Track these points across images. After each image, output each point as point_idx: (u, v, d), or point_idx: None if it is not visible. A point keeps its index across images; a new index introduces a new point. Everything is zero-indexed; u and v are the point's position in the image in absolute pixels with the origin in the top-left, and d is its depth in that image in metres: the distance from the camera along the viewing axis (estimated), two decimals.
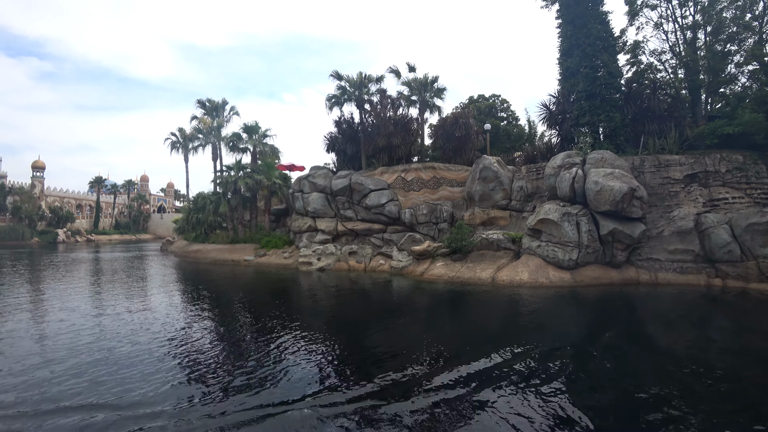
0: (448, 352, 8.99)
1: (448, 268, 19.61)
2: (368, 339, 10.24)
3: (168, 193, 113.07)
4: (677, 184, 19.31)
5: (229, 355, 8.82)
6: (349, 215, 25.42)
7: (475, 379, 7.37)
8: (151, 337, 9.92)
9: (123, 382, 7.18)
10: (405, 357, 8.59)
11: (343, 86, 28.60)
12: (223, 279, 21.27)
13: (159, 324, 11.31)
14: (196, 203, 35.82)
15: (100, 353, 8.73)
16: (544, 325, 11.62)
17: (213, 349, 9.24)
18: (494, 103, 37.22)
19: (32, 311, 13.09)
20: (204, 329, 11.03)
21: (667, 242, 17.96)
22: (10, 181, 76.55)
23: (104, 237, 78.48)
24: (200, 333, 10.60)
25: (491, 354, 8.58)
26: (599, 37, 22.58)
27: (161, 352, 8.83)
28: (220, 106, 41.18)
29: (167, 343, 9.45)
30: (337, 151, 31.04)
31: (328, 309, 14.34)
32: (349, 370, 8.03)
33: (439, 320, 12.58)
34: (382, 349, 9.25)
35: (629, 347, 9.24)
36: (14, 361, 8.29)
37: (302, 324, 11.45)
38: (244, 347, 9.34)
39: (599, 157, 19.27)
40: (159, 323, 11.40)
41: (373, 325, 11.82)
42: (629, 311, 13.57)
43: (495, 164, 22.64)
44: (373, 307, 14.42)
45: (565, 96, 23.97)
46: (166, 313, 12.91)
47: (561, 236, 17.99)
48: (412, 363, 8.19)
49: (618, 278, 17.61)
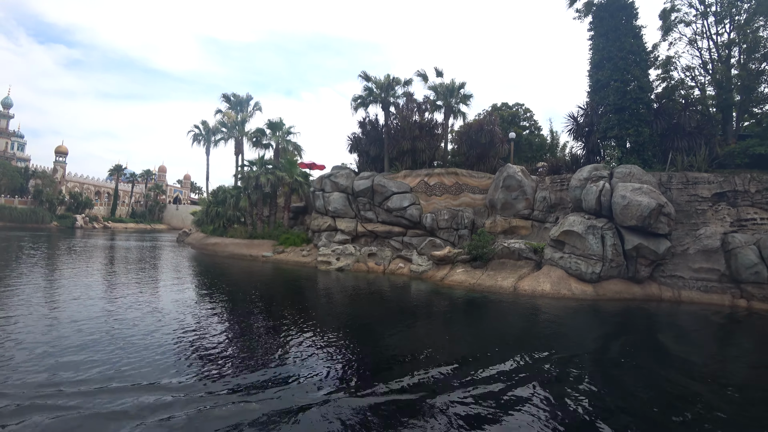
0: (477, 354, 9.04)
1: (469, 274, 19.61)
2: (393, 339, 10.32)
3: (184, 185, 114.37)
4: (705, 202, 19.10)
5: (256, 350, 8.97)
6: (369, 216, 25.53)
7: (505, 379, 7.42)
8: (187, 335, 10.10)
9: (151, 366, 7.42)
10: (431, 357, 8.66)
11: (370, 87, 28.74)
12: (243, 274, 21.50)
13: (189, 316, 11.54)
14: (216, 196, 36.21)
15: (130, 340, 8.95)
16: (573, 335, 11.62)
17: (243, 342, 9.40)
18: (517, 111, 37.12)
19: (66, 299, 13.39)
20: (230, 322, 11.24)
21: (691, 260, 17.80)
22: (33, 165, 78.32)
23: (120, 225, 79.78)
24: (230, 326, 10.79)
25: (521, 356, 8.62)
26: (632, 51, 22.42)
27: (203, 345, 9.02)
28: (245, 101, 41.60)
29: (194, 337, 9.64)
30: (359, 151, 31.20)
31: (350, 309, 14.46)
32: (376, 366, 8.12)
33: (466, 326, 12.62)
34: (408, 350, 9.32)
35: (652, 361, 9.22)
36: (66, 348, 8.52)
37: (326, 322, 11.61)
38: (269, 343, 9.47)
39: (627, 172, 19.14)
40: (188, 315, 11.64)
41: (397, 326, 11.90)
42: (653, 327, 13.47)
43: (519, 173, 22.60)
44: (396, 310, 14.48)
45: (593, 108, 23.82)
46: (194, 305, 13.16)
47: (585, 249, 17.91)
48: (441, 362, 8.25)
49: (640, 294, 17.50)
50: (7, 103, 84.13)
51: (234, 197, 32.20)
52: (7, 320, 9.91)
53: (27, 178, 72.19)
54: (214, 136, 44.39)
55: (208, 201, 37.85)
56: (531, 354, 9.21)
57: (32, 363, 7.41)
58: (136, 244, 39.34)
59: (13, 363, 7.36)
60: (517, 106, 37.65)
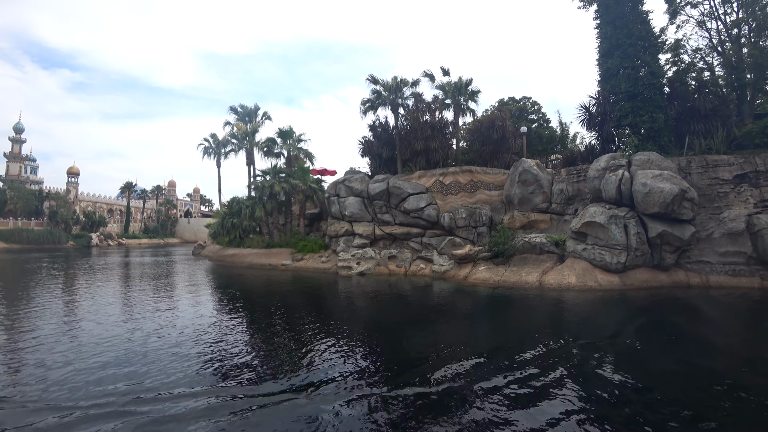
0: (523, 344, 9.05)
1: (492, 271, 19.61)
2: (431, 337, 10.30)
3: (194, 198, 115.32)
4: (726, 184, 18.93)
5: (282, 356, 9.06)
6: (386, 219, 25.58)
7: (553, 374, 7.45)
8: (216, 346, 10.24)
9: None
10: (474, 351, 8.68)
11: (378, 90, 28.81)
12: (266, 283, 21.58)
13: (222, 327, 11.68)
14: (231, 208, 36.46)
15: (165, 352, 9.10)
16: (617, 325, 11.55)
17: (282, 349, 9.50)
18: (525, 105, 37.02)
19: (96, 315, 13.57)
20: (265, 332, 11.36)
21: (717, 244, 17.67)
22: (47, 187, 79.51)
23: (134, 241, 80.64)
24: (266, 335, 10.92)
25: (573, 345, 8.64)
26: (640, 37, 22.31)
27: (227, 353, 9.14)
28: (253, 112, 41.87)
29: (226, 347, 9.77)
30: (371, 154, 31.28)
31: (380, 311, 14.46)
32: (416, 361, 8.15)
33: (504, 321, 12.64)
34: (445, 344, 9.34)
35: (693, 348, 9.19)
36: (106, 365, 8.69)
37: (359, 324, 11.70)
38: (307, 348, 9.55)
39: (645, 159, 19.06)
40: (222, 326, 11.78)
41: (431, 325, 11.90)
42: (689, 313, 13.35)
43: (534, 167, 22.54)
44: (427, 309, 14.47)
45: (605, 97, 23.71)
46: (227, 317, 13.32)
47: (608, 239, 17.84)
48: (483, 357, 8.28)
49: (667, 281, 17.43)
50: (19, 128, 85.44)
51: (249, 207, 32.37)
52: (63, 333, 10.10)
53: (41, 200, 73.28)
54: (224, 148, 44.75)
55: (222, 213, 38.13)
56: (585, 343, 9.28)
57: (92, 373, 7.68)
58: (154, 259, 39.71)
59: (79, 375, 7.59)
60: (524, 100, 37.54)
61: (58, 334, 10.83)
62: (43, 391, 7.15)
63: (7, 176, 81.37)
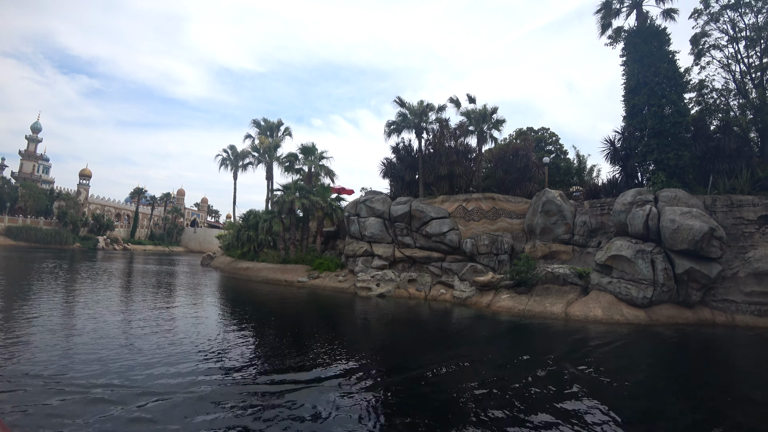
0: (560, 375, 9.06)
1: (515, 300, 19.63)
2: (469, 364, 10.33)
3: (201, 208, 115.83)
4: (751, 224, 19.13)
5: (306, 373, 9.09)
6: (407, 242, 25.66)
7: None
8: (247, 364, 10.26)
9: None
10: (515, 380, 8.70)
11: (404, 113, 29.29)
12: (286, 301, 21.08)
13: (251, 344, 11.71)
14: (248, 220, 36.60)
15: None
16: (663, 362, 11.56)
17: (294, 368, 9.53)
18: (543, 135, 37.51)
19: (119, 320, 13.61)
20: (300, 350, 11.38)
21: (743, 284, 17.75)
22: (58, 187, 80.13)
23: (139, 247, 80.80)
24: (297, 354, 10.95)
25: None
26: (666, 76, 22.81)
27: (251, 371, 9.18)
28: (275, 126, 42.35)
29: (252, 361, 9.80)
30: (393, 176, 31.57)
31: (412, 334, 14.41)
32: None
33: (543, 352, 12.64)
34: (492, 372, 9.35)
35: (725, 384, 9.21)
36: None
37: (392, 349, 11.71)
38: (333, 367, 9.58)
39: (672, 196, 19.29)
40: (251, 343, 11.81)
41: (479, 352, 11.88)
42: (726, 355, 13.36)
43: (558, 198, 22.77)
44: (462, 337, 14.38)
45: (630, 132, 24.09)
46: (251, 333, 13.35)
47: (634, 273, 17.93)
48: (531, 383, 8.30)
49: (693, 318, 17.46)
50: (36, 127, 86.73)
51: (267, 221, 32.45)
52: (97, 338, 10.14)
53: (52, 200, 73.76)
54: (242, 160, 45.24)
55: (238, 225, 38.31)
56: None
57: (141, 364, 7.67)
58: (165, 268, 39.46)
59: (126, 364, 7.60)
60: (543, 131, 38.04)
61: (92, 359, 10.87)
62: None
63: (20, 174, 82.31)
